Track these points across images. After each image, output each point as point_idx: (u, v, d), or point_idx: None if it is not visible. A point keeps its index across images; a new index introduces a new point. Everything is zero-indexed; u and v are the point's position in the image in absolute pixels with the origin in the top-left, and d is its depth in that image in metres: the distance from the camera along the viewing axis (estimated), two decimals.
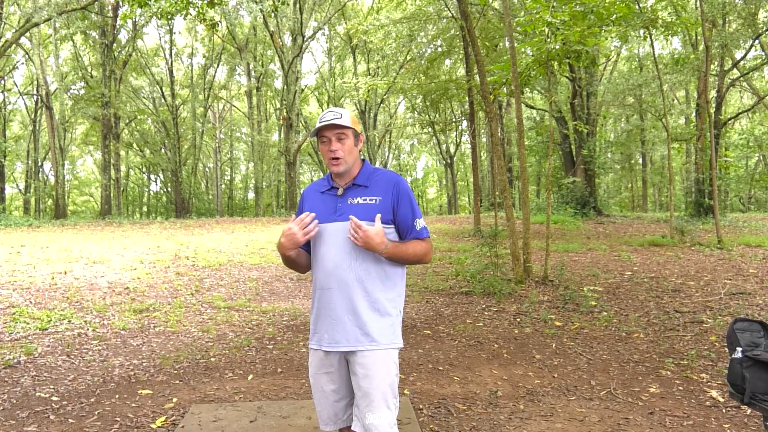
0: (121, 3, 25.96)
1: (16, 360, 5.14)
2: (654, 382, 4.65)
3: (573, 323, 6.61)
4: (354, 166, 2.38)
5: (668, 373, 4.88)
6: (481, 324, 6.69)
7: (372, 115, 37.46)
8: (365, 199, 2.32)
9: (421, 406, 4.11)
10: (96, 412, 4.03)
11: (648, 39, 13.85)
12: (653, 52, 15.83)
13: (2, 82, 31.86)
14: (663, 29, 12.85)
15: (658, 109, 24.91)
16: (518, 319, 6.85)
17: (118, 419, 3.91)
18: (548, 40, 8.68)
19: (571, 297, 7.66)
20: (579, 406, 4.14)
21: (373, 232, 2.18)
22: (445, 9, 17.24)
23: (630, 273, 9.60)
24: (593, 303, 7.44)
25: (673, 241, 13.24)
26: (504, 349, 5.68)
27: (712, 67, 20.87)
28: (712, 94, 21.77)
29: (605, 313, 6.96)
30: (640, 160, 37.47)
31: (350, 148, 2.34)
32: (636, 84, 23.35)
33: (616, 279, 9.11)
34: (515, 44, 9.81)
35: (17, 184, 45.51)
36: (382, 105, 38.16)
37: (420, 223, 2.37)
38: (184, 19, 9.52)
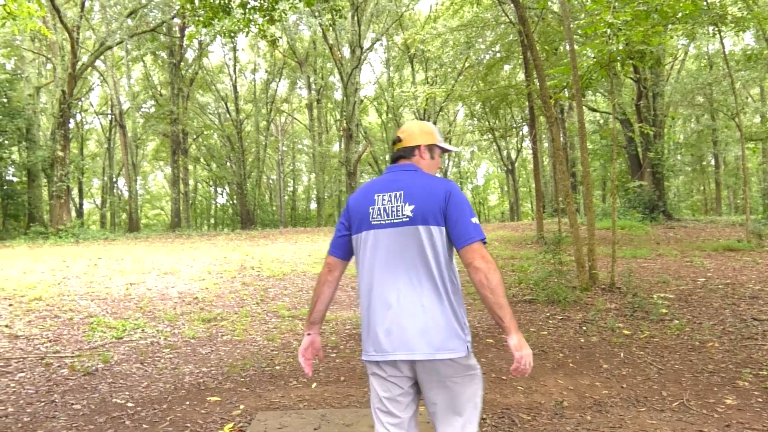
0: (187, 24, 27.00)
1: (94, 367, 5.40)
2: (730, 394, 4.44)
3: (642, 332, 6.39)
4: None
5: (746, 384, 4.65)
6: (545, 333, 6.56)
7: (431, 122, 37.38)
8: None
9: (484, 416, 4.06)
10: (168, 418, 4.19)
11: (717, 36, 13.27)
12: (723, 49, 15.18)
13: (80, 103, 33.65)
14: (733, 25, 12.30)
15: (731, 108, 23.83)
16: (584, 328, 6.68)
17: (189, 425, 4.05)
18: (610, 41, 8.47)
19: (639, 305, 7.41)
20: (650, 417, 4.00)
21: None
22: (503, 15, 17.08)
23: (703, 279, 9.20)
24: (664, 311, 7.17)
25: (749, 245, 12.60)
26: (569, 358, 5.55)
27: None
28: None
29: (677, 321, 6.69)
30: (713, 162, 35.89)
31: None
32: (706, 83, 22.42)
33: (688, 286, 8.74)
34: (575, 47, 9.62)
35: (94, 200, 47.89)
36: (440, 113, 38.08)
37: None
38: (246, 36, 9.81)
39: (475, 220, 2.29)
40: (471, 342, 2.33)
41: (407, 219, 2.30)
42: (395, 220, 2.32)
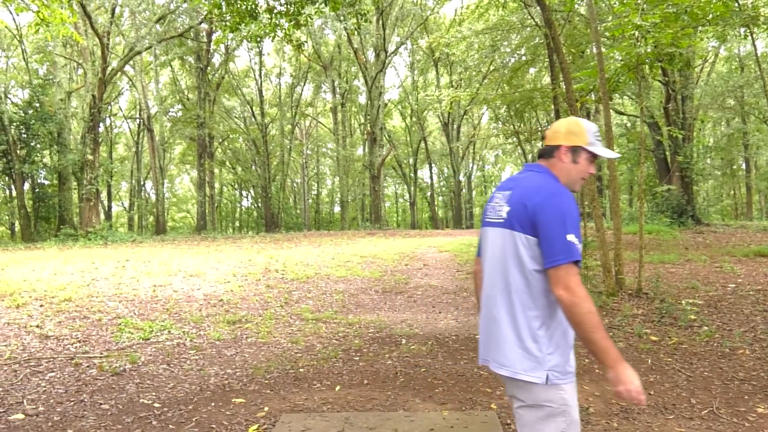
0: (214, 29, 27.34)
1: (122, 368, 5.48)
2: (762, 402, 4.34)
3: (670, 338, 6.28)
4: None
5: None
6: None
7: (455, 126, 37.38)
8: None
9: (509, 421, 4.03)
10: (194, 419, 4.23)
11: (749, 37, 13.01)
12: (755, 50, 14.88)
13: (109, 107, 34.28)
14: (766, 27, 12.04)
15: (762, 111, 23.40)
16: (610, 334, 6.59)
17: (214, 426, 4.08)
18: (638, 43, 8.36)
19: (667, 310, 7.28)
20: (678, 425, 3.93)
21: None
22: (529, 18, 16.98)
23: (734, 285, 9.02)
24: (692, 317, 7.04)
25: None
26: (595, 364, 5.48)
27: None
28: None
29: (706, 328, 6.57)
30: (743, 166, 35.22)
31: None
32: (737, 85, 22.04)
33: (717, 292, 8.57)
34: (603, 49, 9.52)
35: (122, 203, 48.72)
36: (465, 116, 38.00)
37: None
38: (272, 41, 9.91)
39: (571, 237, 2.01)
40: (559, 373, 2.07)
41: (502, 221, 2.19)
42: (497, 220, 2.23)
